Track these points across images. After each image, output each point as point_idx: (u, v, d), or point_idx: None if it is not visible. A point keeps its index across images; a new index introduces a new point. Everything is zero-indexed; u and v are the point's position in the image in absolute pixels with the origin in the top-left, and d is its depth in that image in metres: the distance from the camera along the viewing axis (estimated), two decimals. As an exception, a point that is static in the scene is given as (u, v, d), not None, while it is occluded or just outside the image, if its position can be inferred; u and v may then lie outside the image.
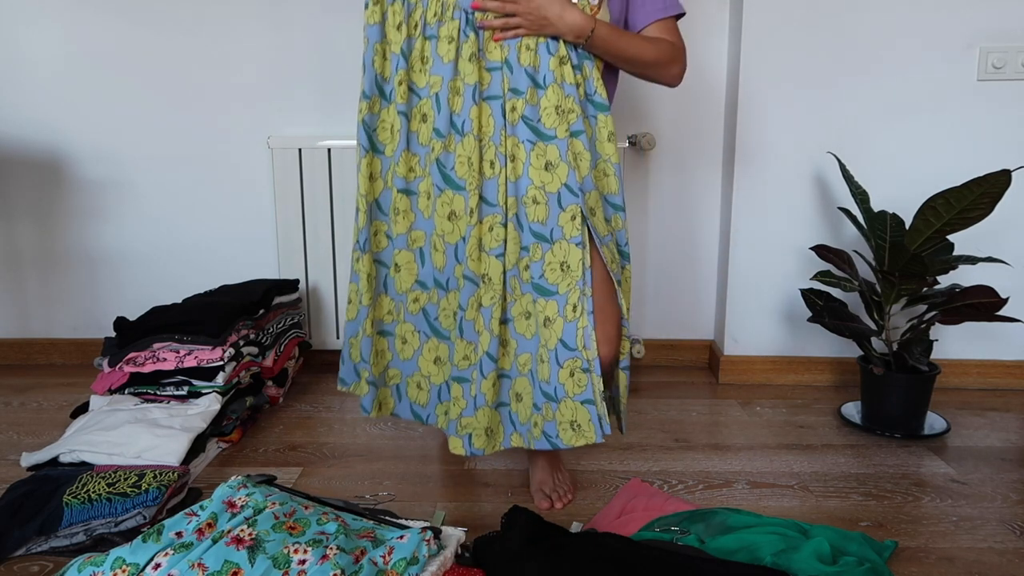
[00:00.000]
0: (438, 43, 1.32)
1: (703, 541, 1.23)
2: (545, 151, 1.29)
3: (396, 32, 1.34)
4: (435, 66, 1.33)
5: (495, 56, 1.31)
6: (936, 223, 1.68)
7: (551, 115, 1.29)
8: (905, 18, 1.94)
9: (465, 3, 1.30)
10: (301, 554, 1.05)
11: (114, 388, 1.74)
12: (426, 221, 1.37)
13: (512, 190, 1.30)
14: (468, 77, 1.30)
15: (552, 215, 1.29)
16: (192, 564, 1.03)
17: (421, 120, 1.35)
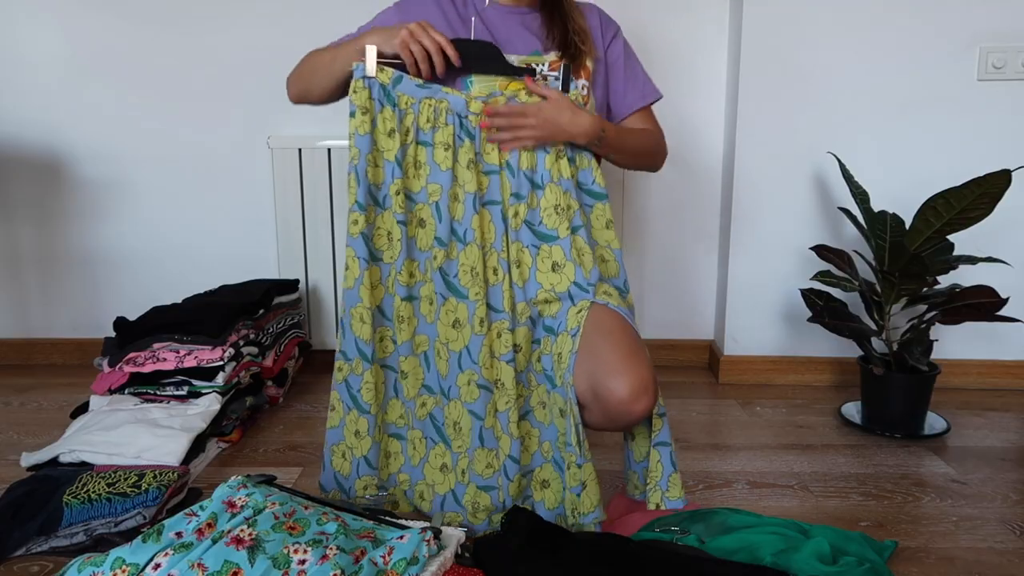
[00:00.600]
0: (434, 150, 1.31)
1: (703, 541, 1.23)
2: (550, 253, 1.30)
3: (388, 139, 1.31)
4: (432, 174, 1.31)
5: (492, 159, 1.31)
6: (936, 223, 1.68)
7: (551, 215, 1.29)
8: (905, 18, 1.94)
9: (458, 107, 1.29)
10: (301, 554, 1.05)
11: (114, 388, 1.74)
12: (429, 326, 1.35)
13: (520, 295, 1.31)
14: (468, 184, 1.30)
15: (563, 310, 1.29)
16: (192, 564, 1.03)
17: (419, 225, 1.33)
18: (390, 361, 1.37)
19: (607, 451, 1.64)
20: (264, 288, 2.02)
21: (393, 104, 1.30)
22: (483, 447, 1.32)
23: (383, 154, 1.32)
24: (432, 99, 1.29)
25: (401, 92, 1.29)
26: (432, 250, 1.33)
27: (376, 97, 1.29)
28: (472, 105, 1.29)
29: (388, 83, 1.29)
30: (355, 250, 1.32)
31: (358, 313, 1.33)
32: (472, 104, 1.29)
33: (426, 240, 1.33)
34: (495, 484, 1.32)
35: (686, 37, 2.13)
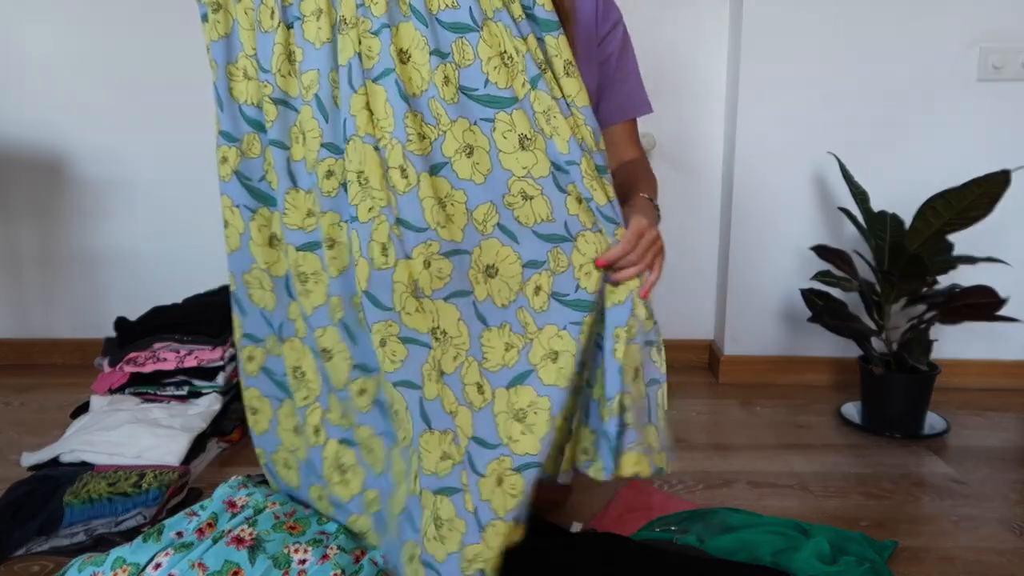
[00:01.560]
0: (303, 25, 0.92)
1: (703, 541, 1.23)
2: (513, 123, 0.90)
3: (251, 35, 0.96)
4: (307, 58, 0.93)
5: (379, 9, 0.89)
6: (936, 223, 1.68)
7: (499, 69, 0.89)
8: (905, 18, 1.94)
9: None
10: (301, 554, 1.05)
11: (114, 388, 1.74)
12: (335, 281, 0.97)
13: (482, 194, 0.92)
14: (342, 54, 0.91)
15: (557, 204, 0.92)
16: (192, 564, 1.03)
17: (298, 141, 0.97)
18: (309, 342, 1.00)
19: (607, 451, 1.63)
20: (264, 288, 2.02)
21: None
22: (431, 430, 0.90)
23: (252, 59, 0.96)
24: None
25: None
26: (319, 166, 0.94)
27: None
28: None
29: None
30: (231, 197, 1.02)
31: (255, 279, 1.03)
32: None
33: (311, 157, 0.96)
34: (457, 485, 0.91)
35: (686, 36, 2.13)
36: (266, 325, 1.03)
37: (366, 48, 0.90)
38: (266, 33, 0.94)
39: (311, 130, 0.94)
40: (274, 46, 0.94)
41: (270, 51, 0.95)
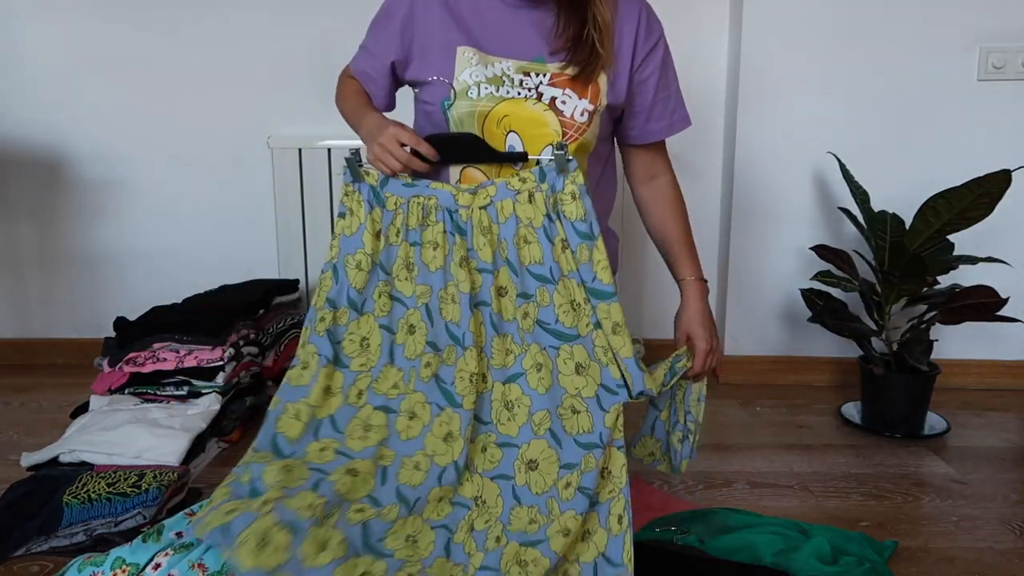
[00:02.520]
0: (422, 249, 1.21)
1: (703, 541, 1.23)
2: (572, 353, 1.17)
3: (375, 241, 1.22)
4: (421, 275, 1.21)
5: (486, 256, 1.18)
6: (936, 223, 1.68)
7: (567, 312, 1.16)
8: (905, 18, 1.94)
9: (447, 202, 1.19)
10: (301, 554, 1.04)
11: (114, 388, 1.73)
12: (401, 443, 1.18)
13: (542, 402, 1.16)
14: (462, 284, 1.18)
15: (597, 421, 1.15)
16: (192, 564, 1.03)
17: (408, 332, 1.22)
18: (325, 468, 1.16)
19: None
20: (264, 288, 2.02)
21: (382, 205, 1.23)
22: (448, 559, 1.12)
23: (370, 257, 1.23)
24: (420, 196, 1.20)
25: (389, 192, 1.22)
26: (422, 357, 1.20)
27: (366, 199, 1.23)
28: (460, 198, 1.19)
29: (376, 184, 1.22)
30: (318, 347, 1.22)
31: (294, 409, 1.19)
32: (460, 197, 1.19)
33: (415, 347, 1.22)
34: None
35: (686, 36, 2.13)
36: (271, 445, 1.19)
37: (478, 282, 1.20)
38: (391, 245, 1.23)
39: (419, 328, 1.22)
40: (396, 257, 1.22)
41: (393, 259, 1.23)
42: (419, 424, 1.19)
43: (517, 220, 1.18)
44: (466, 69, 1.22)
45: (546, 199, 1.17)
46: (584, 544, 1.12)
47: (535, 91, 1.21)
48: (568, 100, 1.22)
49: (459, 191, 1.19)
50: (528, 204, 1.18)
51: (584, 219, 1.16)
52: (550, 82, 1.22)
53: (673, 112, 1.32)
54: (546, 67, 1.22)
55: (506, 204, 1.18)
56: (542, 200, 1.17)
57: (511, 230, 1.18)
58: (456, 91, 1.22)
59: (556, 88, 1.22)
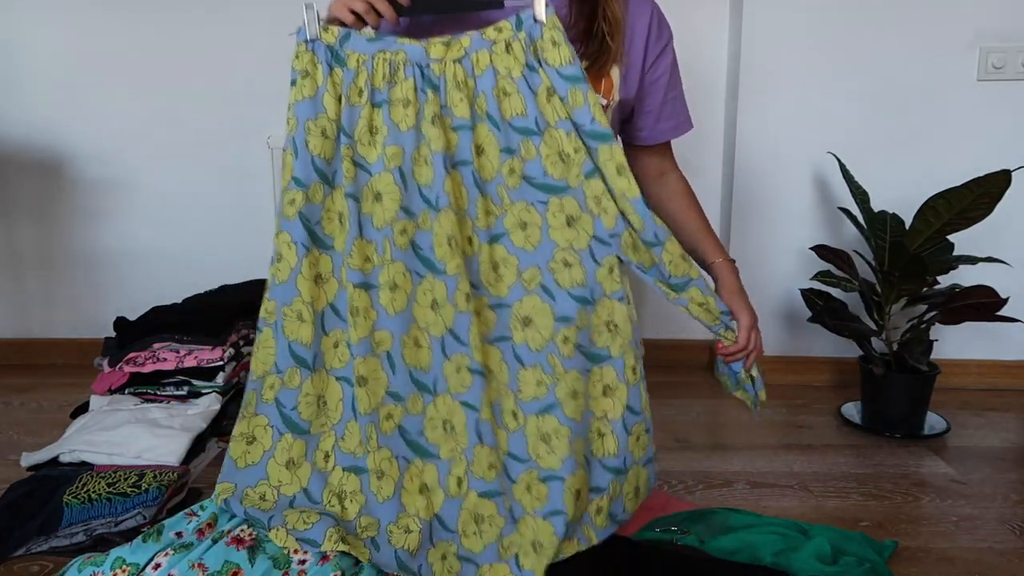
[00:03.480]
0: (391, 108, 1.13)
1: (703, 541, 1.23)
2: (562, 205, 1.13)
3: (337, 104, 1.13)
4: (391, 135, 1.14)
5: (462, 112, 1.12)
6: (936, 223, 1.68)
7: (556, 163, 1.12)
8: (905, 18, 1.94)
9: (416, 57, 1.12)
10: (301, 554, 1.05)
11: (114, 388, 1.73)
12: (391, 319, 1.13)
13: (528, 259, 1.14)
14: (434, 143, 1.12)
15: (590, 273, 1.13)
16: (192, 564, 1.03)
17: (375, 200, 1.14)
18: (344, 372, 1.15)
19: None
20: (264, 288, 2.02)
21: (343, 64, 1.13)
22: (482, 444, 1.12)
23: (334, 123, 1.13)
24: (387, 52, 1.12)
25: (350, 50, 1.13)
26: (395, 224, 1.14)
27: (323, 59, 1.13)
28: (432, 51, 1.12)
29: (335, 42, 1.13)
30: (291, 234, 1.14)
31: (295, 311, 1.14)
32: (432, 50, 1.12)
33: (384, 215, 1.14)
34: (499, 489, 1.11)
35: (686, 36, 2.12)
36: (290, 357, 1.14)
37: (454, 140, 1.13)
38: (353, 107, 1.14)
39: (389, 193, 1.14)
40: (359, 119, 1.14)
41: (355, 122, 1.14)
42: (403, 296, 1.14)
43: (495, 72, 1.12)
44: None
45: (525, 48, 1.11)
46: (608, 400, 1.12)
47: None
48: None
49: (430, 43, 1.13)
50: (505, 54, 1.12)
51: (571, 62, 1.11)
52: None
53: (680, 113, 1.35)
54: None
55: (482, 55, 1.13)
56: (520, 49, 1.12)
57: (489, 83, 1.12)
58: None
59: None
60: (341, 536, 1.04)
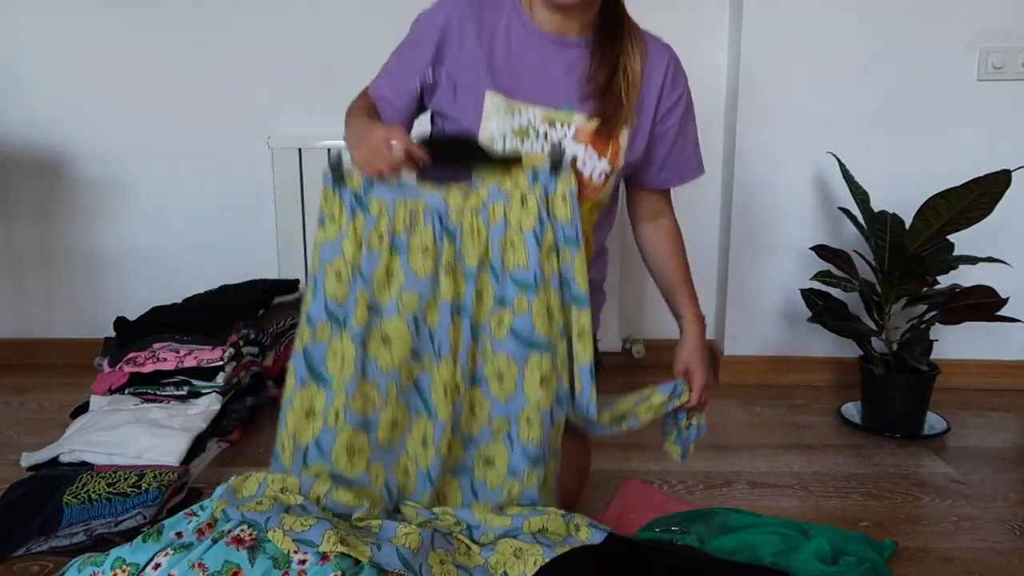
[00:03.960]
0: (409, 256, 1.17)
1: (703, 541, 1.23)
2: (540, 363, 1.17)
3: (356, 248, 1.17)
4: (408, 281, 1.17)
5: (471, 260, 1.17)
6: (936, 223, 1.68)
7: (543, 320, 1.16)
8: (905, 18, 1.94)
9: (436, 205, 1.17)
10: (301, 554, 1.04)
11: (114, 388, 1.73)
12: (386, 452, 1.18)
13: (500, 410, 1.19)
14: (445, 291, 1.16)
15: (545, 432, 1.18)
16: (192, 564, 1.03)
17: (382, 342, 1.17)
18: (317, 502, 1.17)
19: (608, 451, 1.63)
20: (264, 288, 2.02)
21: (365, 210, 1.18)
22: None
23: (349, 265, 1.18)
24: (408, 200, 1.17)
25: (374, 197, 1.18)
26: (403, 367, 1.18)
27: (347, 205, 1.19)
28: (451, 201, 1.17)
29: (359, 189, 1.18)
30: (294, 366, 1.18)
31: (280, 442, 1.19)
32: (451, 200, 1.17)
33: (392, 359, 1.17)
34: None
35: (686, 36, 2.12)
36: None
37: (462, 289, 1.18)
38: (372, 251, 1.17)
39: (400, 339, 1.17)
40: (377, 264, 1.17)
41: (373, 267, 1.17)
42: (398, 431, 1.20)
43: (507, 223, 1.17)
44: (493, 118, 1.22)
45: (539, 202, 1.17)
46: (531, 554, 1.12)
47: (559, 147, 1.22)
48: (588, 160, 1.24)
49: (449, 193, 1.18)
50: (520, 208, 1.17)
51: (571, 223, 1.17)
52: (574, 136, 1.23)
53: (686, 163, 1.37)
54: (572, 117, 1.23)
55: (497, 207, 1.18)
56: (534, 203, 1.17)
57: (499, 234, 1.17)
58: (482, 140, 1.23)
59: (579, 144, 1.23)
60: (340, 538, 1.05)
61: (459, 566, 1.11)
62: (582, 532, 1.18)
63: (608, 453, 1.63)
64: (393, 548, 1.07)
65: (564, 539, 1.16)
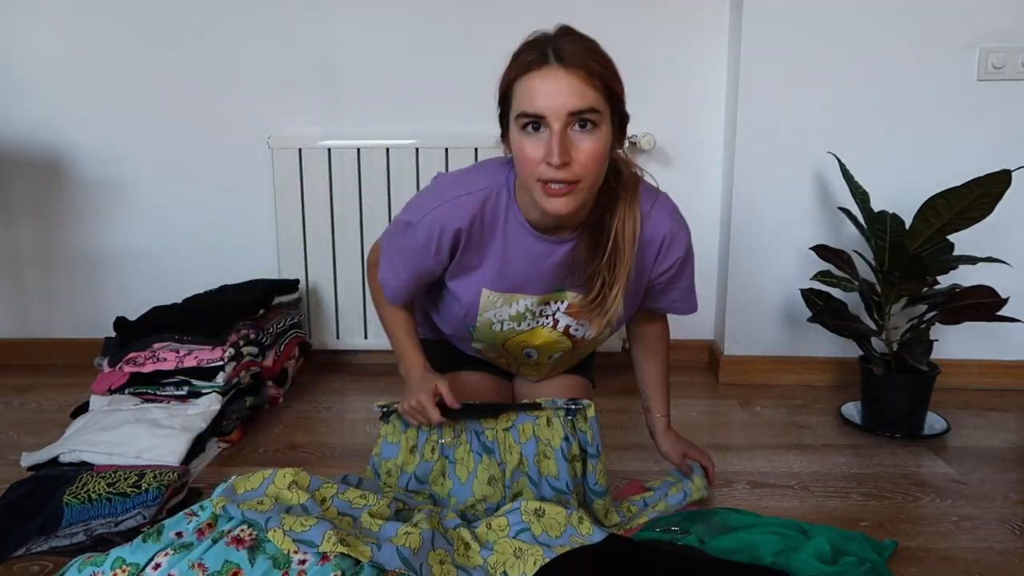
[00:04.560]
0: (456, 467, 1.35)
1: (703, 541, 1.23)
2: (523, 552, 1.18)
3: (409, 454, 1.38)
4: (456, 489, 1.34)
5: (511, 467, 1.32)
6: (936, 223, 1.68)
7: (555, 526, 1.21)
8: (905, 18, 1.94)
9: (473, 425, 1.35)
10: (301, 554, 1.04)
11: (114, 388, 1.74)
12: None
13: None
14: (491, 498, 1.32)
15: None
16: (192, 564, 1.03)
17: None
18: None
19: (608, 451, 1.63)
20: (264, 288, 2.02)
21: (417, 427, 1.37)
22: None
23: (399, 467, 1.38)
24: (452, 421, 1.35)
25: None
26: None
27: (403, 422, 1.38)
28: (485, 422, 1.35)
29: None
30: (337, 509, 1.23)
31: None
32: (485, 423, 1.35)
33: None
34: None
35: (686, 36, 2.13)
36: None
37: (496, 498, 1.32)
38: (427, 461, 1.36)
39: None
40: (432, 469, 1.36)
41: (430, 471, 1.36)
42: None
43: (537, 440, 1.33)
44: (490, 310, 1.34)
45: (563, 423, 1.32)
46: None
47: (552, 318, 1.36)
48: (581, 328, 1.37)
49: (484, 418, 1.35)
50: (547, 427, 1.32)
51: (592, 443, 1.33)
52: (566, 310, 1.35)
53: (675, 301, 1.41)
54: (564, 295, 1.34)
55: (526, 427, 1.33)
56: (559, 424, 1.32)
57: (532, 450, 1.32)
58: (479, 324, 1.37)
59: (570, 317, 1.36)
60: (340, 538, 1.05)
61: (459, 566, 1.11)
62: (584, 525, 1.18)
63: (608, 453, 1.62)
64: (393, 548, 1.07)
65: (565, 530, 1.17)
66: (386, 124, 2.17)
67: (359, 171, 2.13)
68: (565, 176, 1.10)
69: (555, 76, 1.08)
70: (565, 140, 1.09)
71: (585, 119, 1.10)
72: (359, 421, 1.87)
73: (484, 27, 2.11)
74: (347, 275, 2.20)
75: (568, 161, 1.09)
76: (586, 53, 1.10)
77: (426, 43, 2.14)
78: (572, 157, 1.10)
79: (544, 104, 1.09)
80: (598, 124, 1.11)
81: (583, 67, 1.08)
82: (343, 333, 2.25)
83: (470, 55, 2.12)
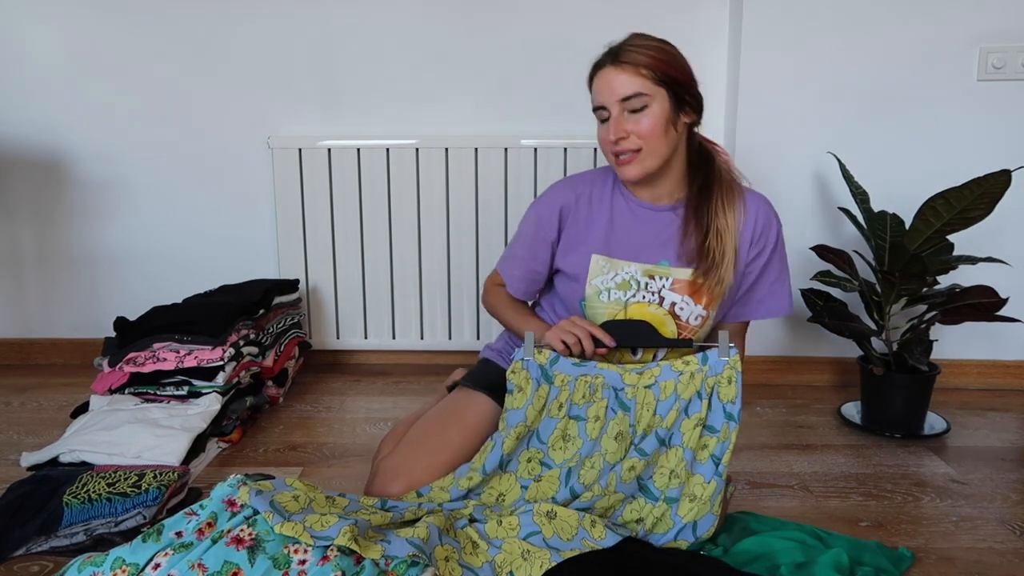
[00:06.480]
0: (587, 424, 1.34)
1: (727, 550, 1.22)
2: (640, 509, 1.27)
3: (537, 414, 1.36)
4: (585, 446, 1.33)
5: (643, 428, 1.31)
6: (936, 223, 1.68)
7: (663, 477, 1.27)
8: (905, 18, 1.94)
9: (614, 381, 1.34)
10: (301, 554, 1.04)
11: (114, 388, 1.73)
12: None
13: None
14: (610, 455, 1.30)
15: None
16: (192, 564, 1.03)
17: (536, 481, 1.33)
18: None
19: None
20: (264, 288, 2.02)
21: (550, 381, 1.36)
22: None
23: (527, 427, 1.36)
24: (588, 375, 1.35)
25: (558, 371, 1.36)
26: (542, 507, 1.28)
27: (534, 376, 1.36)
28: (627, 378, 1.33)
29: (545, 363, 1.37)
30: (450, 495, 1.32)
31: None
32: (627, 377, 1.33)
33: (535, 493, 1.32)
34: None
35: (686, 36, 2.13)
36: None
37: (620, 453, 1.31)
38: (552, 418, 1.36)
39: (551, 486, 1.31)
40: (555, 429, 1.35)
41: (551, 431, 1.35)
42: None
43: (677, 397, 1.31)
44: (598, 276, 1.41)
45: (703, 380, 1.30)
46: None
47: (658, 295, 1.40)
48: (686, 306, 1.40)
49: (626, 371, 1.34)
50: (689, 384, 1.31)
51: (734, 401, 1.28)
52: (672, 286, 1.40)
53: (769, 303, 1.47)
54: (669, 271, 1.40)
55: (668, 384, 1.32)
56: (700, 380, 1.31)
57: (668, 406, 1.31)
58: (588, 294, 1.42)
59: (676, 294, 1.39)
60: (354, 535, 1.06)
61: (464, 565, 1.11)
62: (596, 529, 1.17)
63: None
64: (402, 539, 1.09)
65: (576, 533, 1.17)
66: (386, 124, 2.17)
67: (359, 171, 2.13)
68: (626, 146, 1.35)
69: (609, 74, 1.35)
70: (621, 121, 1.34)
71: (635, 103, 1.33)
72: (359, 421, 1.87)
73: (484, 27, 2.11)
74: (347, 275, 2.20)
75: (625, 136, 1.34)
76: (636, 50, 1.34)
77: (426, 43, 2.14)
78: (629, 131, 1.34)
79: (603, 97, 1.36)
80: (649, 104, 1.34)
81: (629, 61, 1.33)
82: (343, 333, 2.25)
83: (470, 55, 2.12)
